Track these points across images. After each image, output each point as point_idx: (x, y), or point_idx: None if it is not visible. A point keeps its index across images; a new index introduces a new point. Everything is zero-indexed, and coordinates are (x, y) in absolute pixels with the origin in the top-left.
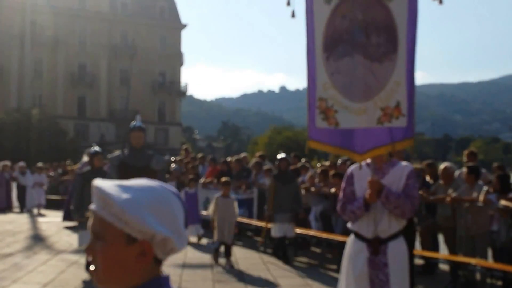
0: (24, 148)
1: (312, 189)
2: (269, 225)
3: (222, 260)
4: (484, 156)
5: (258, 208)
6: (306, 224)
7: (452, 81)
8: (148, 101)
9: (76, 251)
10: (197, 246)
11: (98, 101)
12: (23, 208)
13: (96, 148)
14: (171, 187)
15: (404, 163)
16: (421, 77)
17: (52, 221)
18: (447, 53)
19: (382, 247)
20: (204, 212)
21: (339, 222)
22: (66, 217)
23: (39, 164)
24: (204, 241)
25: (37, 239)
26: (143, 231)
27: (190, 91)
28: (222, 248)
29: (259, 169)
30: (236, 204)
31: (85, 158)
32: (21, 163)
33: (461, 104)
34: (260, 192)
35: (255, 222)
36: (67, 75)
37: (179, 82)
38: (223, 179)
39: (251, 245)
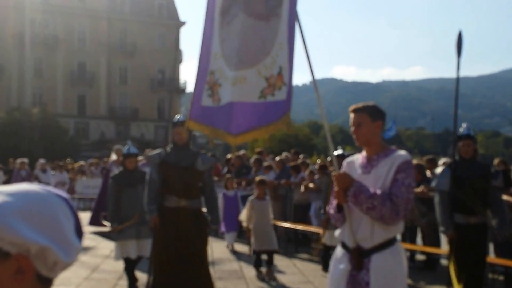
0: (25, 147)
1: (311, 185)
2: (325, 232)
3: (263, 269)
4: (485, 151)
5: None
6: (306, 221)
7: (452, 76)
8: (148, 98)
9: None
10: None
11: (98, 99)
12: None
13: (131, 149)
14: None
15: (400, 152)
16: (421, 72)
17: None
18: (447, 46)
19: (366, 260)
20: None
21: None
22: (93, 222)
23: (60, 162)
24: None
25: None
26: (14, 242)
27: (190, 88)
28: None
29: (259, 166)
30: (271, 206)
31: (113, 156)
32: (42, 160)
33: (462, 98)
34: None
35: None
36: (67, 74)
37: (178, 79)
38: (258, 178)
39: None
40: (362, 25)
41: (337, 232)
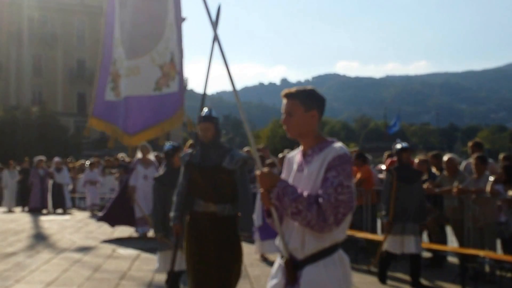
0: (24, 146)
1: None
2: (386, 237)
3: None
4: (491, 146)
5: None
6: None
7: (456, 70)
8: None
9: (79, 249)
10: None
11: None
12: (59, 208)
13: (175, 144)
14: None
15: (335, 144)
16: (425, 66)
17: (54, 220)
18: (451, 41)
19: (299, 273)
20: None
21: None
22: (104, 218)
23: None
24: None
25: (40, 238)
26: None
27: (191, 86)
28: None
29: (262, 163)
30: None
31: (139, 154)
32: (57, 159)
33: (466, 92)
34: None
35: None
36: (66, 71)
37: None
38: None
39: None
40: (365, 19)
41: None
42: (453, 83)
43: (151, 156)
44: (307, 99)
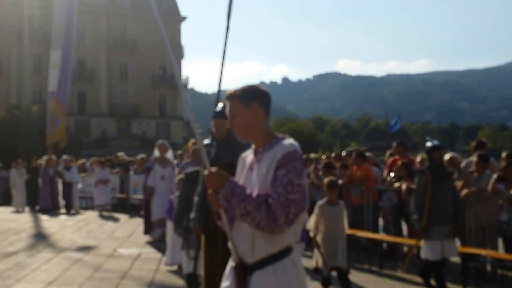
0: (25, 145)
1: (315, 180)
2: (421, 243)
3: None
4: (492, 144)
5: None
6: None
7: (457, 68)
8: (149, 95)
9: (80, 249)
10: None
11: (98, 96)
12: (69, 208)
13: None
14: None
15: (285, 141)
16: (426, 65)
17: (54, 219)
18: (452, 39)
19: (249, 278)
20: None
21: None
22: (148, 231)
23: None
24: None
25: (40, 237)
26: None
27: (191, 84)
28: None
29: None
30: (346, 213)
31: (156, 153)
32: (65, 157)
33: (468, 91)
34: None
35: None
36: None
37: (179, 75)
38: (327, 180)
39: None
40: (366, 18)
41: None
42: (454, 82)
43: (169, 155)
44: (244, 94)
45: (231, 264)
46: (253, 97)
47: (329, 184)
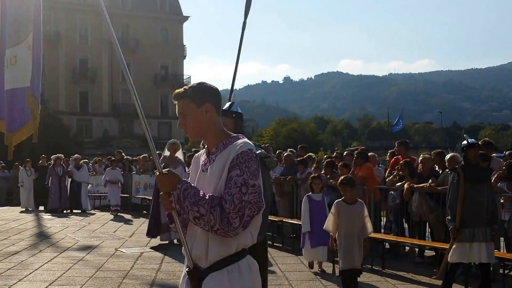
0: (27, 145)
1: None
2: (454, 245)
3: None
4: (494, 144)
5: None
6: None
7: (459, 68)
8: (151, 94)
9: (82, 248)
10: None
11: (100, 96)
12: (79, 208)
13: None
14: None
15: (240, 140)
16: (428, 64)
17: (56, 218)
18: (454, 38)
19: (203, 283)
20: None
21: None
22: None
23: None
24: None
25: (42, 237)
26: None
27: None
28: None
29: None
30: (366, 212)
31: (166, 152)
32: (76, 156)
33: (470, 91)
34: None
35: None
36: (69, 71)
37: (182, 75)
38: (342, 178)
39: None
40: (368, 18)
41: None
42: (456, 82)
43: (180, 154)
44: (196, 94)
45: (184, 271)
46: (206, 96)
47: (341, 182)
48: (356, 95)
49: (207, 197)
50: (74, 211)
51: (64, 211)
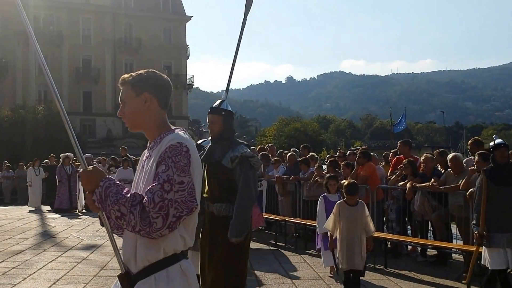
0: (31, 145)
1: (319, 179)
2: (480, 249)
3: None
4: None
5: (267, 202)
6: (315, 217)
7: (462, 67)
8: None
9: (86, 247)
10: None
11: (103, 96)
12: (87, 208)
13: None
14: None
15: (172, 134)
16: (430, 64)
17: (60, 218)
18: (456, 38)
19: None
20: None
21: None
22: None
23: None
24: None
25: (47, 236)
26: None
27: (196, 84)
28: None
29: (267, 161)
30: (367, 212)
31: None
32: (87, 155)
33: (472, 91)
34: (269, 184)
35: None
36: (72, 71)
37: (185, 74)
38: (346, 182)
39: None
40: (371, 18)
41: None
42: (458, 81)
43: None
44: (137, 82)
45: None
46: (145, 85)
47: (347, 190)
48: (359, 94)
49: (128, 195)
50: (84, 211)
51: (72, 210)
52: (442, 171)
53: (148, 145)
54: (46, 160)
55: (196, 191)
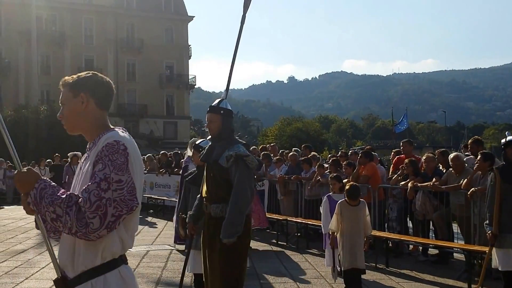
0: (33, 145)
1: (321, 179)
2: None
3: None
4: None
5: (269, 201)
6: (318, 216)
7: (463, 67)
8: (156, 94)
9: None
10: None
11: None
12: None
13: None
14: None
15: (110, 132)
16: (432, 64)
17: None
18: (458, 38)
19: None
20: None
21: None
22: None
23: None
24: None
25: None
26: None
27: (198, 84)
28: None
29: (268, 161)
30: (367, 211)
31: (189, 152)
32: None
33: (473, 90)
34: (271, 184)
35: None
36: (74, 71)
37: (187, 74)
38: (348, 185)
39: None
40: (372, 18)
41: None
42: (460, 81)
43: None
44: (75, 83)
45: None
46: (83, 86)
47: (348, 194)
48: (360, 94)
49: (64, 196)
50: None
51: None
52: (444, 171)
53: (87, 146)
54: (48, 160)
55: (137, 190)
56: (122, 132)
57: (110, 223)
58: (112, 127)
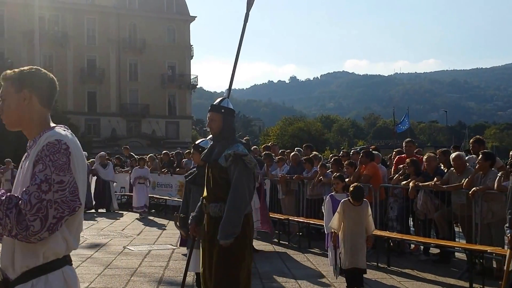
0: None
1: (322, 179)
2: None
3: None
4: (499, 143)
5: (271, 201)
6: (320, 215)
7: (464, 67)
8: (158, 94)
9: (91, 246)
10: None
11: (108, 96)
12: (103, 207)
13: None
14: None
15: (51, 131)
16: (433, 64)
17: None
18: (459, 38)
19: None
20: None
21: None
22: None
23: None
24: None
25: None
26: None
27: (200, 84)
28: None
29: (270, 161)
30: (369, 211)
31: None
32: (102, 153)
33: (475, 90)
34: (272, 183)
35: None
36: (77, 71)
37: (189, 74)
38: (352, 186)
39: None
40: (374, 18)
41: None
42: (461, 81)
43: None
44: (17, 78)
45: None
46: (25, 82)
47: (352, 195)
48: (362, 94)
49: (3, 198)
50: (100, 210)
51: (88, 211)
52: (445, 170)
53: (28, 144)
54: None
55: (79, 190)
56: (64, 130)
57: (51, 225)
58: (53, 125)
